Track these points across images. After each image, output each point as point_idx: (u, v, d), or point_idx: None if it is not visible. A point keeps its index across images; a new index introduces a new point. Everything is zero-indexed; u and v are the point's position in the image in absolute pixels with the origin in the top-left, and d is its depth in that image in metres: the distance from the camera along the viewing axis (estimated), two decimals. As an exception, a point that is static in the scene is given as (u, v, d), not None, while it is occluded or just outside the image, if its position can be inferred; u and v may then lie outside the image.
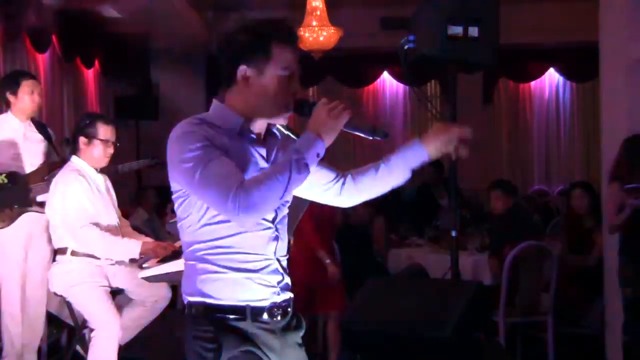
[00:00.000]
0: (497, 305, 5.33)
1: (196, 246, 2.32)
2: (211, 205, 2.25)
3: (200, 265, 2.31)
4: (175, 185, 2.33)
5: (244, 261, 2.31)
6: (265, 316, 2.33)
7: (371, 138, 2.41)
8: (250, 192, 2.17)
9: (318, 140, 2.27)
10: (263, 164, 2.36)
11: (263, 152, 2.38)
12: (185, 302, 2.37)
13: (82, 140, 4.42)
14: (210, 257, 2.30)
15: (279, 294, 2.36)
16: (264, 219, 2.33)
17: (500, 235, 5.89)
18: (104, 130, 4.45)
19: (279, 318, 2.36)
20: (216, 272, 2.30)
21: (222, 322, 2.30)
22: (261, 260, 2.33)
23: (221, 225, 2.28)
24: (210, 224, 2.29)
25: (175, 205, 2.36)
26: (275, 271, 2.36)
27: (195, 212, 2.30)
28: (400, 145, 2.54)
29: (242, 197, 2.16)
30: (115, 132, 4.52)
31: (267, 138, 2.42)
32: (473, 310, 3.91)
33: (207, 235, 2.30)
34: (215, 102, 2.40)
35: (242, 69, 2.30)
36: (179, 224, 2.37)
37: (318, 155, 2.27)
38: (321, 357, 5.91)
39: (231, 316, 2.30)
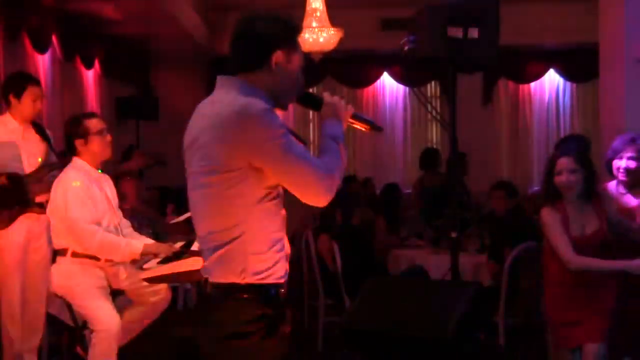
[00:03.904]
0: (497, 307, 5.33)
1: (246, 225, 2.34)
2: (297, 186, 2.33)
3: (252, 244, 2.35)
4: (237, 162, 2.30)
5: (279, 239, 2.42)
6: (283, 290, 2.46)
7: (368, 130, 2.71)
8: (333, 176, 2.35)
9: (342, 127, 2.51)
10: None
11: None
12: (224, 282, 2.37)
13: (78, 142, 4.43)
14: (261, 236, 2.36)
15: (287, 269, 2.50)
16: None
17: (500, 236, 5.88)
18: (93, 123, 4.48)
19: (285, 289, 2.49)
20: (267, 250, 2.37)
21: (272, 302, 2.39)
22: (282, 238, 2.45)
23: (272, 202, 2.37)
24: (263, 203, 2.35)
25: (224, 184, 2.32)
26: (285, 247, 2.49)
27: (251, 191, 2.32)
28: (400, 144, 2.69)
29: (329, 180, 2.34)
30: (102, 122, 4.55)
31: None
32: (473, 311, 3.91)
33: (259, 214, 2.35)
34: (239, 80, 2.42)
35: (278, 54, 2.41)
36: (220, 200, 2.34)
37: None
38: (321, 357, 5.91)
39: (275, 295, 2.40)
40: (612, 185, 4.36)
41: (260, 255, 2.36)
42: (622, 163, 4.27)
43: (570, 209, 4.01)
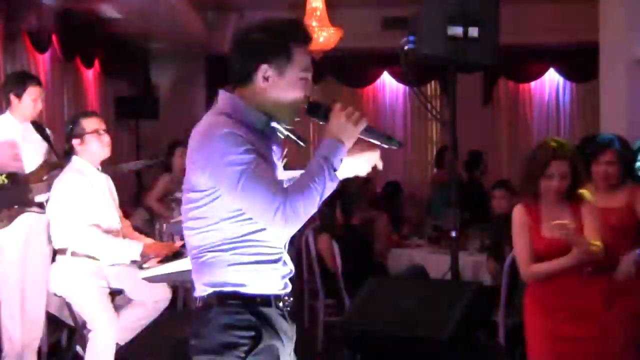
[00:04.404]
0: (497, 306, 5.33)
1: (226, 239, 2.30)
2: (253, 214, 2.24)
3: (231, 257, 2.31)
4: (205, 183, 2.27)
5: (268, 253, 2.35)
6: (281, 304, 2.39)
7: (386, 146, 2.45)
8: (295, 204, 2.20)
9: (342, 146, 2.30)
10: (278, 163, 2.41)
11: (276, 151, 2.42)
12: (207, 293, 2.34)
13: (76, 142, 4.44)
14: (241, 249, 2.31)
15: (288, 284, 2.43)
16: None
17: (501, 235, 5.88)
18: (89, 123, 4.48)
19: (288, 306, 2.43)
20: (248, 262, 2.32)
21: (257, 310, 2.33)
22: (278, 253, 2.39)
23: (249, 222, 2.29)
24: (241, 220, 2.29)
25: (198, 202, 2.31)
26: (285, 262, 2.43)
27: (224, 210, 2.28)
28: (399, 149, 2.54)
29: (289, 210, 2.20)
30: (101, 122, 4.53)
31: (273, 137, 2.43)
32: (473, 310, 3.91)
33: (238, 230, 2.30)
34: (230, 96, 2.37)
35: (264, 68, 2.31)
36: (197, 217, 2.32)
37: (341, 160, 2.31)
38: (321, 357, 5.91)
39: (261, 305, 2.34)
40: (589, 188, 4.02)
41: (242, 266, 2.32)
42: (599, 168, 4.10)
43: (546, 209, 3.72)
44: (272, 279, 2.37)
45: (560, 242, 3.61)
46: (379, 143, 2.45)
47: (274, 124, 2.39)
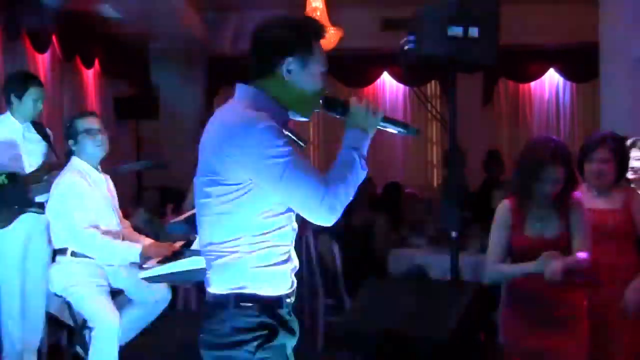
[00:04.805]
0: (497, 307, 5.33)
1: (246, 239, 2.32)
2: (297, 205, 2.29)
3: (252, 259, 2.32)
4: (241, 176, 2.27)
5: (283, 253, 2.38)
6: (289, 300, 2.43)
7: (404, 134, 2.58)
8: (337, 192, 2.26)
9: (367, 135, 2.40)
10: None
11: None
12: (225, 293, 2.34)
13: (71, 142, 4.45)
14: (262, 251, 2.33)
15: (294, 280, 2.47)
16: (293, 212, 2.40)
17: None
18: (83, 123, 4.47)
19: (294, 301, 2.46)
20: (267, 265, 2.34)
21: (273, 313, 2.35)
22: (289, 251, 2.42)
23: (273, 219, 2.33)
24: (265, 218, 2.31)
25: (227, 196, 2.30)
26: (292, 258, 2.45)
27: (253, 206, 2.30)
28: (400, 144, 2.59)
29: (332, 198, 2.25)
30: (96, 122, 4.52)
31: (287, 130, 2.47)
32: (473, 310, 3.91)
33: (261, 229, 2.32)
34: (252, 89, 2.40)
35: (288, 61, 2.36)
36: (222, 212, 2.31)
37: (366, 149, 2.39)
38: (321, 357, 5.91)
39: (276, 307, 2.37)
40: (581, 188, 3.87)
41: (261, 269, 2.33)
42: (592, 166, 3.90)
43: (534, 210, 3.62)
44: (286, 279, 2.41)
45: (541, 244, 3.54)
46: (397, 132, 2.56)
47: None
